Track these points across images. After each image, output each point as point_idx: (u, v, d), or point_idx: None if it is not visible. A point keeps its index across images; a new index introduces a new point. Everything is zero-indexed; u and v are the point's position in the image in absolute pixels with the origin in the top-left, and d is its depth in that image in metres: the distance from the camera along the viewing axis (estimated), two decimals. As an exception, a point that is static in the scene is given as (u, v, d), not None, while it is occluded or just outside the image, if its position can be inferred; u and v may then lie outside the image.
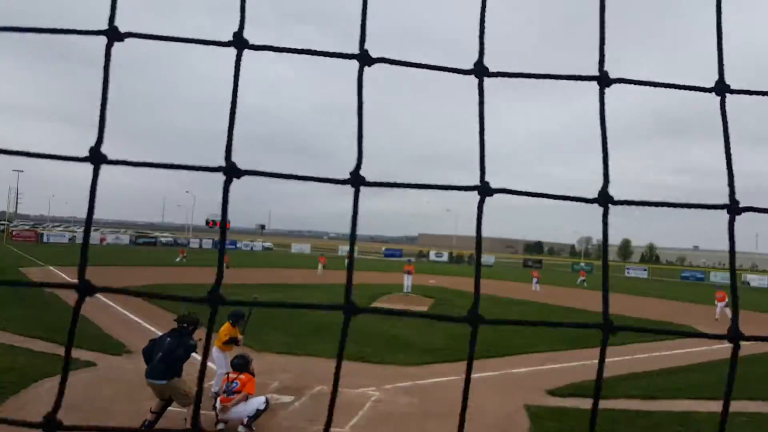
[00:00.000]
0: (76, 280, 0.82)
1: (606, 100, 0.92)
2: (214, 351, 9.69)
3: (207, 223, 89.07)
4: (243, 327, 10.18)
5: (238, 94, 0.86)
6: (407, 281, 28.46)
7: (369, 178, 0.88)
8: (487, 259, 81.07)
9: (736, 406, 10.98)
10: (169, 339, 7.98)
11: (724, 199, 0.91)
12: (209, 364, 10.87)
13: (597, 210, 0.92)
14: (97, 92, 0.84)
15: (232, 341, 9.73)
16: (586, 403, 10.45)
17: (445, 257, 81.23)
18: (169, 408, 8.00)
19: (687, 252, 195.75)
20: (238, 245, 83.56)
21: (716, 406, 10.67)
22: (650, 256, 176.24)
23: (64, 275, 29.22)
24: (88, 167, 0.83)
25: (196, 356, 10.68)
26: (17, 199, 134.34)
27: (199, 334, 8.56)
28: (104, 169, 0.83)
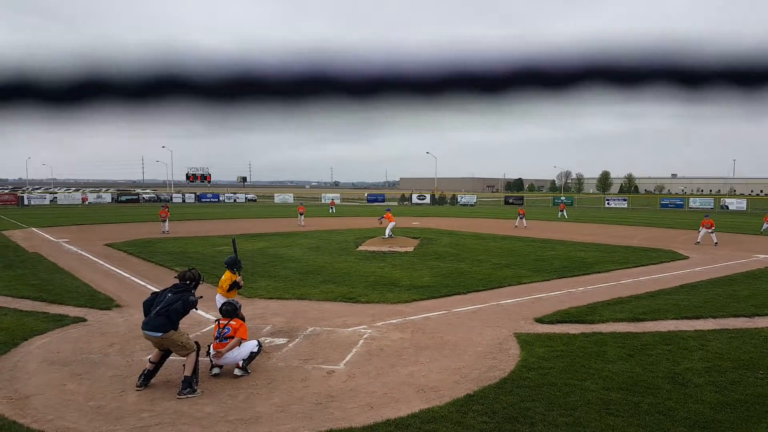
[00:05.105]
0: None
1: None
2: (218, 298, 9.74)
3: (187, 177, 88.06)
4: (240, 273, 10.22)
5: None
6: (388, 227, 28.24)
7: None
8: (469, 199, 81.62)
9: (722, 323, 11.32)
10: (169, 294, 7.99)
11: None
12: (207, 314, 10.91)
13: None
14: None
15: (234, 286, 9.82)
16: (572, 329, 10.69)
17: (427, 199, 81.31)
18: (170, 357, 7.99)
19: (665, 180, 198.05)
20: (221, 198, 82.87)
21: (700, 325, 11.00)
22: (629, 186, 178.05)
23: (47, 235, 28.79)
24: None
25: (201, 312, 10.70)
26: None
27: (201, 291, 8.53)
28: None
